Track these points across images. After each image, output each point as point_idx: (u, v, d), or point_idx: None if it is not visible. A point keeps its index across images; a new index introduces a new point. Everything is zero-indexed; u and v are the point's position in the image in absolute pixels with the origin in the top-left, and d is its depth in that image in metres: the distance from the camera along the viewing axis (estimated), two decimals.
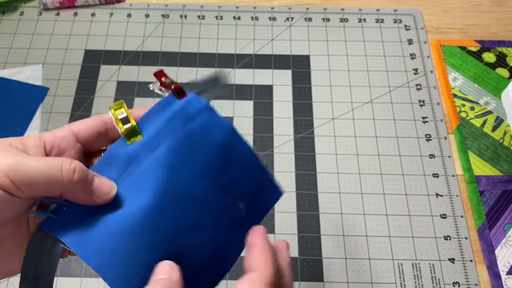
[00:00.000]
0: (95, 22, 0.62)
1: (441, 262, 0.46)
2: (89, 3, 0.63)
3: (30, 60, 0.58)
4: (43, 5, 0.62)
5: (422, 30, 0.62)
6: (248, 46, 0.60)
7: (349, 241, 0.48)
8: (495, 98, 0.56)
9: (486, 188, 0.50)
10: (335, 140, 0.54)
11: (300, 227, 0.48)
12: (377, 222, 0.48)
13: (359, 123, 0.55)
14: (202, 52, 0.60)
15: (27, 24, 0.61)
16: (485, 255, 0.47)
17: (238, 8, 0.64)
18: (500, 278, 0.45)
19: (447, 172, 0.51)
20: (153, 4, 0.64)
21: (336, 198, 0.50)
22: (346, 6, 0.64)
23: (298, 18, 0.63)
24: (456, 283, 0.45)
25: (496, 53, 0.59)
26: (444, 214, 0.49)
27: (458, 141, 0.53)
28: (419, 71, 0.59)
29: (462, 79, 0.58)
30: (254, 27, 0.62)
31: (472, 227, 0.48)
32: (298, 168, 0.52)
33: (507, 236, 0.48)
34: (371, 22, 0.63)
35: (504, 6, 0.64)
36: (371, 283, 0.45)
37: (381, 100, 0.56)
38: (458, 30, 0.62)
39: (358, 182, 0.51)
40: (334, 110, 0.56)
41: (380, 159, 0.52)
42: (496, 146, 0.53)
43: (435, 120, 0.55)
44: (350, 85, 0.57)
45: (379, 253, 0.47)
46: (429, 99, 0.56)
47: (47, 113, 0.54)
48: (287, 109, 0.56)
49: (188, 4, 0.64)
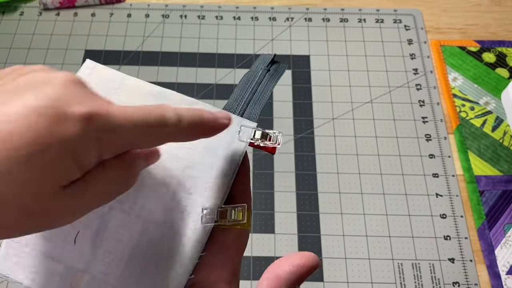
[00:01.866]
0: (95, 22, 0.62)
1: (441, 262, 0.46)
2: (89, 3, 0.63)
3: (30, 60, 0.58)
4: (43, 5, 0.62)
5: (422, 30, 0.62)
6: (248, 46, 0.60)
7: (349, 241, 0.48)
8: (495, 98, 0.56)
9: (486, 188, 0.50)
10: (335, 140, 0.54)
11: (300, 227, 0.48)
12: (377, 222, 0.49)
13: (359, 123, 0.55)
14: (202, 52, 0.60)
15: (27, 24, 0.61)
16: (485, 255, 0.47)
17: (238, 8, 0.64)
18: (500, 278, 0.45)
19: (447, 172, 0.51)
20: (153, 4, 0.64)
21: (336, 198, 0.50)
22: (346, 6, 0.64)
23: (298, 18, 0.63)
24: (456, 283, 0.45)
25: (496, 53, 0.59)
26: (444, 214, 0.49)
27: (458, 141, 0.53)
28: (419, 71, 0.59)
29: (462, 79, 0.58)
30: (254, 27, 0.62)
31: (472, 227, 0.48)
32: (298, 168, 0.52)
33: (507, 236, 0.48)
34: (371, 22, 0.63)
35: (504, 6, 0.64)
36: (371, 283, 0.45)
37: (381, 100, 0.56)
38: (458, 30, 0.62)
39: (358, 182, 0.51)
40: (334, 110, 0.56)
41: (380, 159, 0.52)
42: (496, 146, 0.53)
43: (435, 120, 0.55)
44: (350, 85, 0.57)
45: (379, 253, 0.47)
46: (429, 99, 0.56)
47: None
48: (287, 109, 0.56)
49: (188, 4, 0.64)
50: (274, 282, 0.22)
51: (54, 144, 0.16)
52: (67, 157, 0.17)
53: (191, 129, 0.21)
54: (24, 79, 0.18)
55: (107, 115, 0.18)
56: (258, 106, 0.27)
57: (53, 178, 0.17)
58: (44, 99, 0.17)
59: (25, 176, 0.16)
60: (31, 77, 0.18)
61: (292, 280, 0.23)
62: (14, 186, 0.15)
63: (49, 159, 0.16)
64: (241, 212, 0.24)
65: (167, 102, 0.26)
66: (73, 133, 0.17)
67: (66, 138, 0.17)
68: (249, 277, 0.46)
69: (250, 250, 0.47)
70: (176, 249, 0.23)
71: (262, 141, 0.25)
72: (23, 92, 0.17)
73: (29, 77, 0.18)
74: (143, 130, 0.19)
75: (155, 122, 0.20)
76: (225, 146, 0.25)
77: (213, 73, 0.58)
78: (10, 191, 0.15)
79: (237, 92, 0.28)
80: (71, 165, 0.17)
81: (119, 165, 0.20)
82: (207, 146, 0.25)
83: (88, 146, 0.17)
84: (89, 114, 0.17)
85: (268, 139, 0.25)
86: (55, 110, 0.16)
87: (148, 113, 0.19)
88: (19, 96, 0.17)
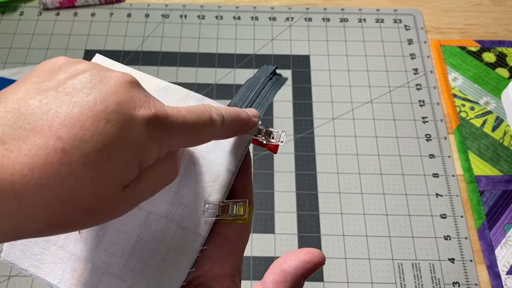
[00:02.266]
0: (95, 22, 0.62)
1: (441, 262, 0.46)
2: (89, 3, 0.63)
3: (30, 60, 0.58)
4: (43, 5, 0.62)
5: (422, 30, 0.62)
6: (248, 46, 0.60)
7: (349, 241, 0.48)
8: (495, 98, 0.56)
9: (486, 188, 0.50)
10: (335, 140, 0.54)
11: (300, 227, 0.48)
12: (377, 222, 0.48)
13: (359, 123, 0.55)
14: (202, 52, 0.60)
15: (27, 24, 0.61)
16: (485, 255, 0.47)
17: (238, 8, 0.64)
18: (500, 278, 0.45)
19: (447, 172, 0.51)
20: (153, 4, 0.64)
21: (336, 198, 0.50)
22: (346, 6, 0.64)
23: (298, 18, 0.63)
24: (456, 283, 0.45)
25: (496, 53, 0.59)
26: (444, 214, 0.49)
27: (458, 141, 0.53)
28: (419, 71, 0.59)
29: (462, 79, 0.58)
30: (254, 27, 0.62)
31: (472, 227, 0.48)
32: (298, 168, 0.52)
33: (507, 236, 0.48)
34: (371, 22, 0.63)
35: (504, 6, 0.64)
36: (371, 283, 0.45)
37: (381, 100, 0.56)
38: (458, 30, 0.62)
39: (358, 182, 0.51)
40: (334, 110, 0.56)
41: (380, 159, 0.52)
42: (496, 146, 0.53)
43: (435, 120, 0.55)
44: (350, 85, 0.57)
45: (379, 253, 0.47)
46: (429, 99, 0.56)
47: None
48: (287, 109, 0.56)
49: (188, 4, 0.64)
50: (280, 276, 0.23)
51: (123, 148, 0.17)
52: (133, 160, 0.17)
53: (232, 128, 0.23)
54: (78, 81, 0.17)
55: (167, 117, 0.18)
56: (262, 107, 0.27)
57: (118, 180, 0.17)
58: (109, 103, 0.17)
59: (93, 180, 0.16)
60: (84, 78, 0.18)
61: (297, 275, 0.23)
62: (82, 189, 0.16)
63: (117, 162, 0.17)
64: (243, 207, 0.24)
65: (174, 97, 0.26)
66: (140, 137, 0.17)
67: (134, 142, 0.17)
68: (249, 277, 0.46)
69: (250, 250, 0.47)
70: (178, 242, 0.24)
71: (266, 139, 0.26)
72: (83, 95, 0.17)
73: (82, 78, 0.18)
74: (196, 131, 0.20)
75: (207, 123, 0.20)
76: (229, 141, 0.26)
77: (213, 73, 0.58)
78: (78, 194, 0.16)
79: (241, 93, 0.28)
80: (135, 166, 0.18)
81: (169, 161, 0.21)
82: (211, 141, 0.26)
83: (151, 148, 0.18)
84: (153, 117, 0.18)
85: (272, 137, 0.26)
86: (122, 115, 0.17)
87: (200, 115, 0.20)
88: (80, 100, 0.16)
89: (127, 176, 0.17)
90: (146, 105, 0.18)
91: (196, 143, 0.21)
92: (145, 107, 0.18)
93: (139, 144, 0.17)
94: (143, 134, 0.17)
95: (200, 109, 0.20)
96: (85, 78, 0.17)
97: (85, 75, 0.18)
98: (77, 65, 0.19)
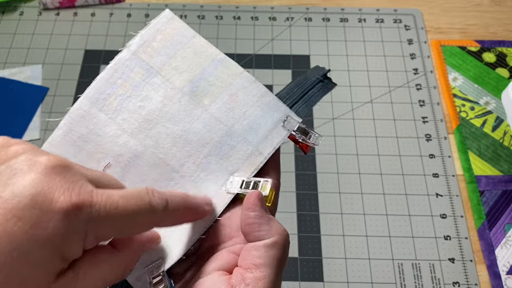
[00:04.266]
0: (95, 22, 0.62)
1: (441, 262, 0.46)
2: (89, 3, 0.63)
3: (30, 60, 0.58)
4: (43, 5, 0.62)
5: (422, 30, 0.62)
6: (248, 46, 0.60)
7: (349, 241, 0.48)
8: (495, 98, 0.56)
9: (486, 188, 0.50)
10: (335, 140, 0.54)
11: (300, 227, 0.48)
12: (377, 222, 0.48)
13: (359, 123, 0.55)
14: None
15: (27, 24, 0.61)
16: (485, 255, 0.47)
17: (238, 8, 0.63)
18: (500, 278, 0.45)
19: (447, 172, 0.51)
20: (153, 4, 0.64)
21: (336, 198, 0.50)
22: (346, 6, 0.64)
23: (298, 18, 0.63)
24: (456, 283, 0.45)
25: (496, 53, 0.59)
26: (444, 214, 0.49)
27: (458, 141, 0.53)
28: (419, 71, 0.58)
29: (462, 79, 0.58)
30: (254, 27, 0.62)
31: (472, 227, 0.48)
32: (298, 168, 0.52)
33: (507, 236, 0.48)
34: (371, 22, 0.63)
35: (504, 6, 0.64)
36: (371, 283, 0.45)
37: (381, 100, 0.56)
38: (458, 30, 0.62)
39: (358, 182, 0.51)
40: (334, 110, 0.56)
41: (380, 159, 0.52)
42: (496, 146, 0.53)
43: (435, 120, 0.55)
44: (350, 85, 0.57)
45: (379, 253, 0.47)
46: (429, 99, 0.56)
47: (47, 113, 0.54)
48: None
49: (188, 4, 0.64)
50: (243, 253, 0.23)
51: (35, 246, 0.16)
52: (50, 256, 0.16)
53: (177, 215, 0.21)
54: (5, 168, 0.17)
55: (91, 205, 0.17)
56: (307, 106, 0.28)
57: (38, 277, 0.16)
58: (22, 198, 0.16)
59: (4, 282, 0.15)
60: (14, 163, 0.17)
61: None
62: None
63: (32, 261, 0.16)
64: (265, 186, 0.25)
65: (227, 71, 0.27)
66: (56, 231, 0.16)
67: (48, 238, 0.16)
68: None
69: None
70: None
71: (303, 137, 0.27)
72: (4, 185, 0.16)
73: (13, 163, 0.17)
74: (130, 219, 0.18)
75: (144, 209, 0.19)
76: (268, 128, 0.27)
77: None
78: None
79: (289, 88, 0.28)
80: (55, 260, 0.16)
81: (110, 253, 0.19)
82: (252, 123, 0.27)
83: (71, 241, 0.17)
84: (73, 207, 0.16)
85: (309, 137, 0.27)
86: (35, 210, 0.16)
87: (138, 200, 0.19)
88: None
89: (49, 272, 0.16)
90: (67, 193, 0.17)
91: (131, 231, 0.20)
92: (65, 196, 0.16)
93: (56, 240, 0.16)
94: (60, 227, 0.16)
95: (138, 192, 0.19)
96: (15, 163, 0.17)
97: (17, 159, 0.17)
98: (11, 148, 0.18)
